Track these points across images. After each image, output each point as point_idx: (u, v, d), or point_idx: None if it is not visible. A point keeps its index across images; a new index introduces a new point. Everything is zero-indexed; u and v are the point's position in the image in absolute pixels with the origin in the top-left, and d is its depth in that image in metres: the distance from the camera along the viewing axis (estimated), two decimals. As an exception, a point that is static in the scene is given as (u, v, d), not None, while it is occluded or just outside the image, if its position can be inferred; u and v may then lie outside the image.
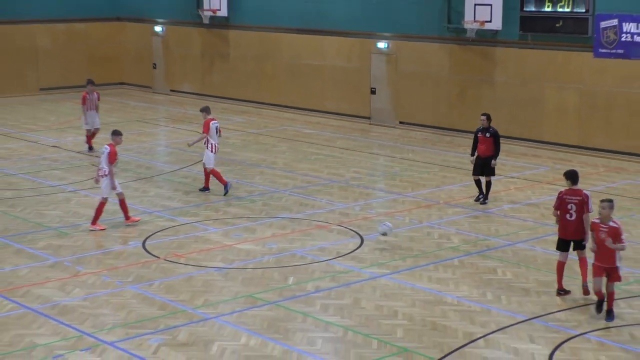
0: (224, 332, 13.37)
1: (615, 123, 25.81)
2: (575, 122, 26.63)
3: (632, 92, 25.38)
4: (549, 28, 26.83)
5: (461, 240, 17.99)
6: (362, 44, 31.72)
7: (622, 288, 15.20)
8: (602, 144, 26.12)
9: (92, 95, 26.10)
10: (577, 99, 26.54)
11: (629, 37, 24.80)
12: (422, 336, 13.20)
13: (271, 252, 17.17)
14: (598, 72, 26.00)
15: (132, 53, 40.78)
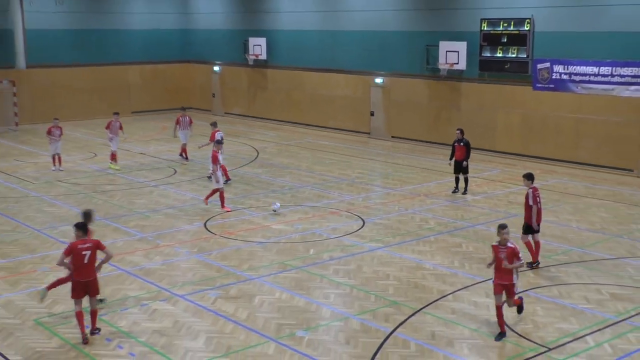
0: (263, 288, 13.35)
1: (548, 137, 25.65)
2: (518, 136, 26.47)
3: (560, 116, 25.22)
4: (500, 68, 26.70)
5: (436, 222, 17.88)
6: (363, 79, 31.63)
7: (552, 258, 15.10)
8: (538, 152, 25.96)
9: (185, 118, 25.52)
10: (520, 120, 26.37)
11: (558, 76, 24.66)
12: (407, 292, 13.15)
13: (297, 231, 17.13)
14: (535, 101, 25.83)
15: (197, 86, 40.80)
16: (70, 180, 22.43)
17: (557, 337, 11.21)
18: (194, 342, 11.07)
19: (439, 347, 10.90)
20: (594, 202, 20.01)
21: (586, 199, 20.46)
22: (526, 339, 11.15)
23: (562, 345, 10.93)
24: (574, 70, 24.25)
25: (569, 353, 10.68)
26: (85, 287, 11.11)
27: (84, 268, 11.01)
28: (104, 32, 37.72)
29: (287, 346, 10.92)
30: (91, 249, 11.06)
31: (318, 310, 12.33)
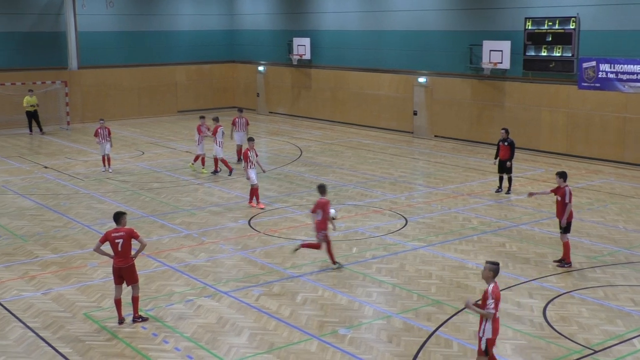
0: (306, 286, 13.32)
1: (593, 136, 25.12)
2: (563, 136, 25.98)
3: (605, 114, 24.68)
4: (544, 67, 26.25)
5: (479, 222, 17.64)
6: (407, 79, 31.41)
7: (598, 259, 14.76)
8: (583, 152, 25.44)
9: (241, 119, 24.98)
10: (565, 119, 25.88)
11: (604, 75, 24.12)
12: (450, 292, 12.99)
13: (340, 229, 17.06)
14: (580, 100, 25.32)
15: (242, 85, 41.01)
16: (119, 178, 22.74)
17: (603, 340, 10.93)
18: (237, 338, 11.10)
19: (482, 347, 10.71)
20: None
21: (633, 199, 19.96)
22: (571, 341, 10.90)
23: (608, 348, 10.66)
24: (621, 69, 23.70)
25: (615, 356, 10.41)
26: (120, 273, 11.54)
27: (117, 255, 11.53)
28: (152, 34, 38.19)
29: (330, 344, 10.87)
30: (124, 237, 11.51)
31: (360, 309, 12.25)
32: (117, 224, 11.66)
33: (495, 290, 9.11)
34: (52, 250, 15.52)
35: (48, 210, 18.91)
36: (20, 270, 14.27)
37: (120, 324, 11.58)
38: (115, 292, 11.64)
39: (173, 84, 38.97)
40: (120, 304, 11.65)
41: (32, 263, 14.72)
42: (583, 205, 19.20)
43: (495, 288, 9.15)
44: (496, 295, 9.07)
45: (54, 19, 35.22)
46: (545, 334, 11.18)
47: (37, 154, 27.36)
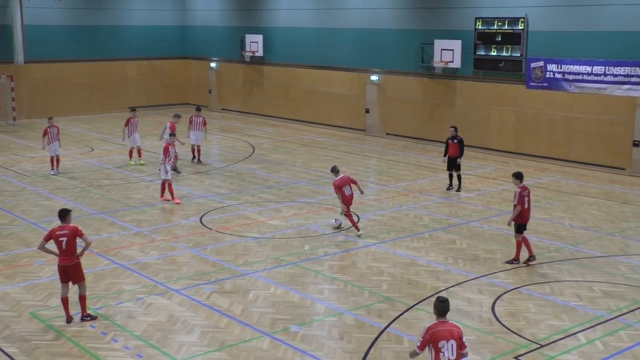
0: (258, 284, 13.27)
1: (540, 135, 25.62)
2: (512, 134, 26.42)
3: (553, 114, 25.19)
4: (494, 67, 26.66)
5: (430, 219, 17.82)
6: (359, 77, 31.55)
7: (545, 255, 15.05)
8: (531, 150, 25.93)
9: (198, 118, 24.41)
10: (514, 118, 26.33)
11: (551, 74, 24.60)
12: (401, 289, 13.08)
13: (292, 226, 17.05)
14: (529, 99, 25.80)
15: (194, 82, 40.64)
16: (67, 175, 22.30)
17: (549, 334, 11.16)
18: (188, 337, 10.99)
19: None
20: (586, 200, 19.97)
21: (579, 196, 20.42)
22: (518, 336, 11.10)
23: (554, 342, 10.88)
24: (568, 69, 24.20)
25: (561, 350, 10.63)
26: (65, 271, 11.35)
27: (62, 254, 11.33)
28: (102, 28, 37.56)
29: (281, 341, 10.85)
30: (68, 235, 11.28)
31: (312, 306, 12.25)
32: (62, 221, 11.43)
33: (430, 328, 7.95)
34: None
35: (-7, 207, 18.45)
36: (-37, 269, 13.89)
37: (68, 322, 11.37)
38: (62, 291, 11.44)
39: (124, 79, 38.40)
40: (67, 303, 11.44)
41: (-24, 262, 14.34)
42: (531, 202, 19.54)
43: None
44: (428, 335, 7.88)
45: (0, 11, 34.34)
46: (493, 329, 11.36)
47: (-19, 150, 26.65)
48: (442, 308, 8.00)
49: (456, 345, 7.84)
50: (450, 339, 7.82)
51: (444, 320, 7.97)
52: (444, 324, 7.93)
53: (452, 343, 7.81)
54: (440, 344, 7.76)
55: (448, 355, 7.78)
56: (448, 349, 7.78)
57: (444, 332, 7.83)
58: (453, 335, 7.85)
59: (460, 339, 7.91)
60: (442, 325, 7.91)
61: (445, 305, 8.03)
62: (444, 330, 7.84)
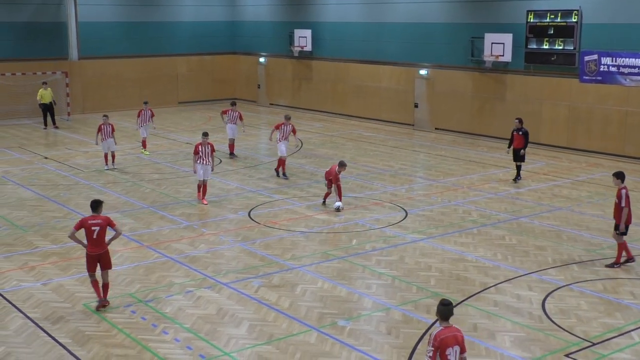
0: (306, 278, 13.35)
1: (594, 130, 25.12)
2: (564, 129, 25.96)
3: (606, 108, 24.68)
4: (546, 60, 26.24)
5: (479, 215, 17.65)
6: (408, 71, 31.38)
7: (598, 252, 14.77)
8: (584, 145, 25.44)
9: (234, 113, 24.57)
10: (566, 112, 25.88)
11: (605, 68, 24.09)
12: (449, 284, 13.02)
13: (340, 221, 17.09)
14: (582, 93, 25.32)
15: (243, 77, 40.97)
16: (119, 169, 22.73)
17: (602, 332, 10.97)
18: (237, 330, 11.13)
19: (480, 339, 10.76)
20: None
21: (633, 192, 19.93)
22: (569, 333, 10.94)
23: (607, 340, 10.69)
24: (622, 63, 23.66)
25: (614, 348, 10.45)
26: (97, 260, 11.78)
27: (92, 243, 11.74)
28: (154, 24, 38.13)
29: (329, 335, 10.91)
30: (101, 225, 11.70)
31: (360, 300, 12.28)
32: (94, 211, 11.75)
33: (438, 335, 7.64)
34: (52, 241, 15.55)
35: (48, 200, 18.93)
36: (20, 261, 14.31)
37: (101, 304, 11.81)
38: (90, 278, 11.93)
39: (174, 75, 38.94)
40: (97, 285, 11.90)
41: (32, 254, 14.75)
42: (583, 199, 19.22)
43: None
44: (438, 342, 7.61)
45: (55, 9, 35.14)
46: (544, 326, 11.21)
47: (37, 145, 27.36)
48: (445, 312, 7.75)
49: (460, 351, 7.69)
50: (455, 345, 7.64)
51: (448, 325, 7.74)
52: (449, 329, 7.70)
53: (456, 349, 7.65)
54: (447, 351, 7.57)
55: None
56: (452, 354, 7.62)
57: (450, 338, 7.63)
58: (457, 340, 7.68)
59: (462, 343, 7.73)
60: (448, 330, 7.68)
61: (449, 309, 7.77)
62: (450, 337, 7.64)
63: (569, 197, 19.42)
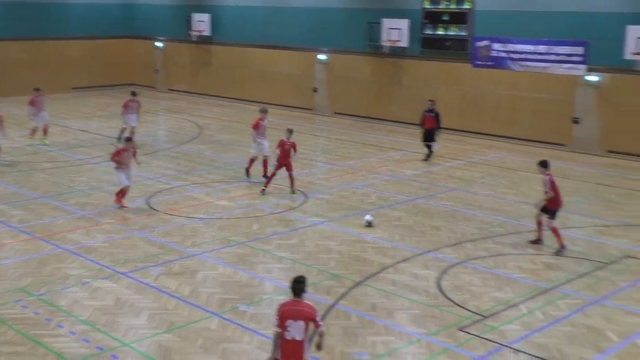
0: (206, 264, 13.30)
1: (486, 113, 26.10)
2: (458, 112, 26.82)
3: (498, 93, 25.69)
4: (441, 46, 27.00)
5: (377, 197, 18.04)
6: (307, 56, 31.54)
7: (489, 230, 15.41)
8: (477, 128, 26.39)
9: (133, 103, 24.08)
10: (460, 96, 26.73)
11: (497, 54, 24.98)
12: (349, 266, 13.27)
13: (241, 206, 17.08)
14: (475, 78, 26.21)
15: (139, 62, 40.01)
16: (7, 158, 21.82)
17: (493, 306, 11.49)
18: (136, 319, 10.98)
19: (379, 318, 11.06)
20: (529, 175, 20.45)
21: (522, 172, 20.91)
22: (463, 308, 11.40)
23: (497, 313, 11.21)
24: (512, 49, 24.59)
25: (503, 320, 10.97)
26: None
27: None
28: (40, 5, 36.55)
29: (231, 320, 10.93)
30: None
31: (261, 285, 12.35)
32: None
33: (281, 307, 7.93)
34: (-64, 235, 14.80)
35: None
36: None
37: None
38: None
39: (66, 59, 37.55)
40: None
41: None
42: (476, 179, 19.99)
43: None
44: (279, 312, 7.85)
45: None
46: (439, 302, 11.64)
47: None
48: (294, 288, 7.94)
49: (305, 326, 7.77)
50: (298, 319, 7.75)
51: (298, 300, 7.89)
52: (295, 303, 7.87)
53: (300, 323, 7.74)
54: (287, 322, 7.74)
55: (294, 335, 7.75)
56: (295, 328, 7.74)
57: (293, 311, 7.78)
58: (302, 315, 7.77)
59: (312, 320, 7.81)
60: (293, 304, 7.86)
61: (299, 285, 7.93)
62: (293, 310, 7.79)
63: (463, 178, 20.14)
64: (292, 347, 7.77)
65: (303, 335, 7.78)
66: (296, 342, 7.76)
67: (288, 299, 8.02)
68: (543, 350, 10.02)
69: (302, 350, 7.81)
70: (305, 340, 7.82)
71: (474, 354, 9.89)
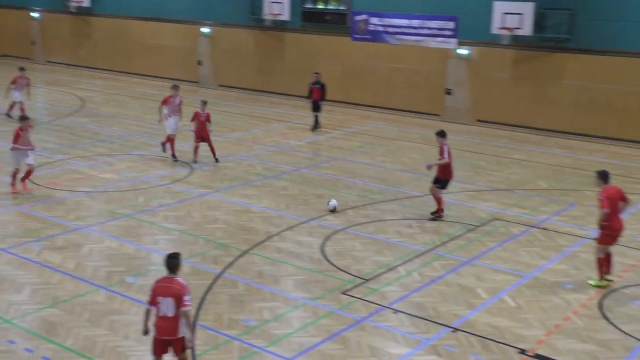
0: (91, 237, 12.82)
1: (365, 85, 26.48)
2: (338, 84, 26.98)
3: (376, 65, 26.12)
4: (321, 20, 27.06)
5: (262, 167, 17.97)
6: (191, 29, 30.80)
7: (369, 197, 15.69)
8: (356, 99, 26.74)
9: (23, 80, 22.24)
10: (340, 69, 26.94)
11: (374, 27, 25.27)
12: (235, 235, 13.17)
13: (126, 179, 16.55)
14: (354, 50, 26.48)
15: (13, 32, 37.69)
16: None
17: (373, 269, 11.73)
18: (18, 295, 10.43)
19: (266, 284, 11.05)
20: (405, 144, 20.99)
21: (398, 141, 21.40)
22: (346, 273, 11.57)
23: (378, 276, 11.47)
24: (389, 23, 24.95)
25: (383, 282, 11.23)
26: None
27: None
28: None
29: (118, 293, 10.60)
30: None
31: (148, 257, 12.05)
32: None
33: (154, 283, 7.78)
34: None
35: None
36: None
37: None
38: None
39: None
40: None
41: None
42: (355, 149, 20.28)
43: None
44: (152, 288, 7.73)
45: None
46: (323, 268, 11.76)
47: None
48: (168, 264, 7.75)
49: (174, 303, 7.58)
50: (168, 296, 7.58)
51: (171, 277, 7.71)
52: (167, 280, 7.69)
53: (169, 300, 7.58)
54: (158, 299, 7.62)
55: (165, 311, 7.60)
56: (165, 305, 7.59)
57: (163, 288, 7.63)
58: (172, 292, 7.58)
59: (180, 298, 7.57)
60: (165, 281, 7.68)
61: (172, 261, 7.76)
62: (164, 287, 7.63)
63: (343, 148, 20.39)
64: (164, 323, 7.63)
65: (174, 312, 7.59)
66: (168, 319, 7.61)
67: (162, 276, 7.77)
68: (420, 309, 10.35)
69: (176, 327, 7.63)
70: (179, 317, 7.61)
71: (357, 316, 10.08)
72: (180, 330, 7.67)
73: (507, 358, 9.06)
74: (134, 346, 9.10)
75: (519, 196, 16.11)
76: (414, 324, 9.89)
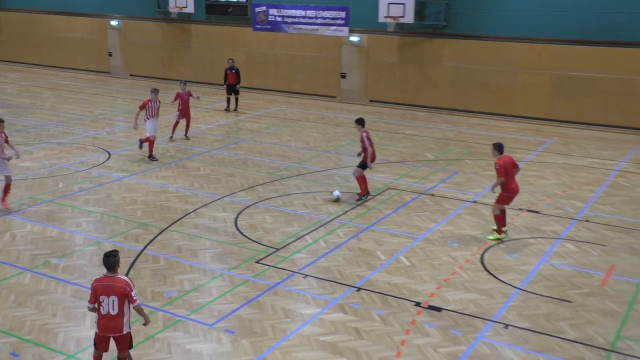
0: (14, 223, 12.25)
1: (268, 71, 26.34)
2: (244, 72, 26.60)
3: (277, 53, 25.99)
4: (224, 12, 26.62)
5: (175, 150, 17.62)
6: (101, 22, 29.61)
7: (276, 174, 15.71)
8: (260, 85, 26.58)
9: None
10: (245, 57, 26.65)
11: (273, 18, 25.15)
12: (154, 214, 12.91)
13: (45, 167, 15.85)
14: (256, 40, 26.26)
15: None
16: None
17: (283, 239, 11.80)
18: (-57, 283, 9.88)
19: (185, 258, 10.92)
20: (307, 124, 21.10)
21: (301, 122, 21.49)
22: (258, 244, 11.59)
23: (287, 245, 11.55)
24: (286, 13, 24.88)
25: (293, 250, 11.33)
26: None
27: None
28: None
29: (43, 274, 10.21)
30: None
31: (71, 238, 11.63)
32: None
33: (93, 282, 7.18)
34: None
35: None
36: None
37: None
38: None
39: None
40: None
41: None
42: (262, 130, 20.21)
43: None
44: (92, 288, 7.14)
45: None
46: (237, 240, 11.73)
47: None
48: (106, 262, 7.16)
49: (118, 301, 7.05)
50: (111, 295, 7.03)
51: (111, 275, 7.13)
52: (108, 278, 7.11)
53: (113, 299, 7.04)
54: (101, 298, 7.05)
55: (108, 310, 7.06)
56: (108, 303, 7.05)
57: (104, 287, 7.05)
58: (115, 290, 7.04)
59: (126, 295, 7.07)
60: (106, 280, 7.10)
61: (110, 260, 7.14)
62: (105, 286, 7.06)
63: (251, 130, 20.28)
64: (108, 321, 7.09)
65: (119, 309, 7.07)
66: (112, 317, 7.08)
67: (102, 275, 7.20)
68: (327, 272, 10.52)
69: (121, 324, 7.11)
70: (124, 313, 7.10)
71: (271, 282, 10.14)
72: (125, 326, 7.16)
73: (405, 311, 9.38)
74: (62, 322, 8.82)
75: (410, 167, 16.57)
76: (321, 286, 10.05)
